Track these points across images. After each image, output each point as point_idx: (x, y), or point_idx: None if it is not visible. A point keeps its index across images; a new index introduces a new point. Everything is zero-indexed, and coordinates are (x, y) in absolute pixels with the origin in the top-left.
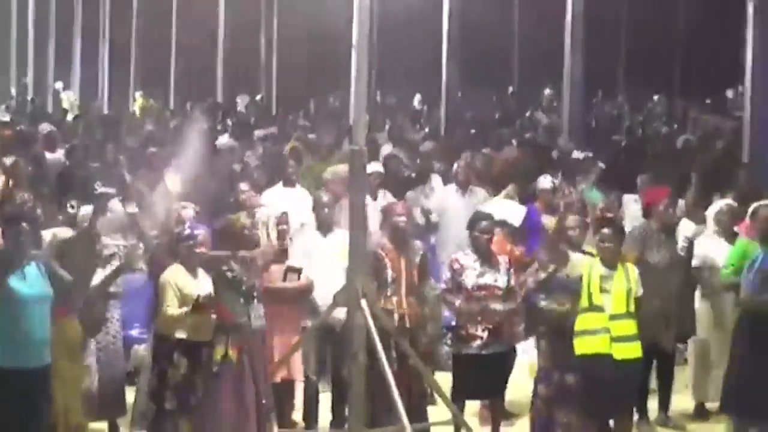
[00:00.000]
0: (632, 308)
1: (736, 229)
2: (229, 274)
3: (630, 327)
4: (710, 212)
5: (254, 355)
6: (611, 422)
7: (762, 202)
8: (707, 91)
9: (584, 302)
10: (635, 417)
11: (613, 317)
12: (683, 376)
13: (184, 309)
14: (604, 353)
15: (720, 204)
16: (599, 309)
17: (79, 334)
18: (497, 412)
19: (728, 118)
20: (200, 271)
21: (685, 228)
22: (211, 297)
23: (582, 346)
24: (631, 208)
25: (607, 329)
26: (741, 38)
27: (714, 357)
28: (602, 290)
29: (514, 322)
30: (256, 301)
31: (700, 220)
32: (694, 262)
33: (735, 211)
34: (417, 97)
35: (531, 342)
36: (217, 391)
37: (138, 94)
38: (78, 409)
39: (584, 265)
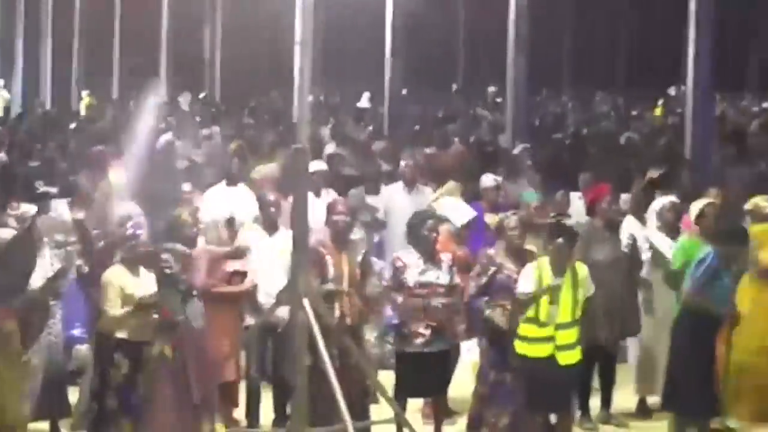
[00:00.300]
0: (578, 315)
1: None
2: (167, 270)
3: (574, 335)
4: (653, 209)
5: (192, 354)
6: (552, 420)
7: (709, 201)
8: (650, 89)
9: (531, 312)
10: (577, 414)
11: (558, 326)
12: (625, 374)
13: (126, 309)
14: (545, 356)
15: (663, 201)
16: (544, 324)
17: (18, 335)
18: (440, 410)
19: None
20: (142, 270)
21: (630, 225)
22: (155, 296)
23: (523, 349)
24: (576, 205)
25: (551, 338)
26: (683, 36)
27: (657, 353)
28: (550, 302)
29: (456, 320)
30: (195, 299)
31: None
32: (645, 257)
33: (678, 207)
34: (366, 95)
35: (475, 340)
36: (155, 390)
37: (85, 93)
38: (15, 409)
39: (534, 275)
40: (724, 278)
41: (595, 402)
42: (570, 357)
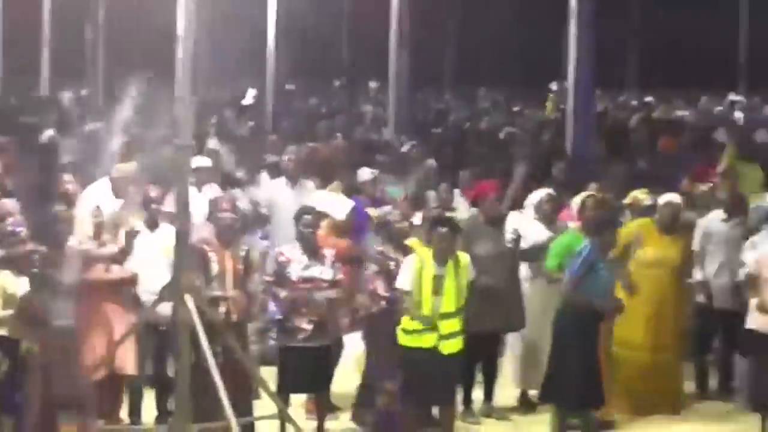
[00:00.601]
0: (462, 304)
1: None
2: (37, 268)
3: (456, 325)
4: (530, 201)
5: (64, 352)
6: (436, 412)
7: (588, 193)
8: (532, 85)
9: (415, 308)
10: (460, 408)
11: (442, 316)
12: (505, 367)
13: (8, 311)
14: (428, 347)
15: (540, 193)
16: (426, 319)
17: None
18: (322, 406)
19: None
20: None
21: (513, 220)
22: (27, 294)
23: (407, 340)
24: (458, 201)
25: (435, 328)
26: (564, 32)
27: (538, 345)
28: (434, 292)
29: (339, 315)
30: (66, 297)
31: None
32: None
33: (555, 199)
34: (251, 92)
35: (358, 335)
36: (31, 389)
37: None
38: None
39: (416, 265)
40: (601, 270)
41: (477, 395)
42: (453, 346)
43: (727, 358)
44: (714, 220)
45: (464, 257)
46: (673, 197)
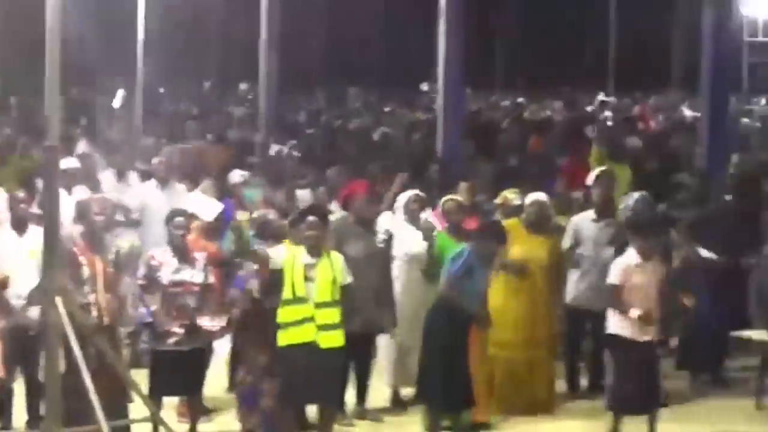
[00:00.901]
0: (337, 296)
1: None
2: None
3: (334, 315)
4: (399, 204)
5: None
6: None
7: (450, 197)
8: (403, 85)
9: (288, 293)
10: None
11: (318, 305)
12: (375, 368)
13: None
14: (308, 342)
15: (408, 194)
16: (303, 300)
17: None
18: (195, 408)
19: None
20: None
21: (385, 221)
22: None
23: (286, 337)
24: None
25: (312, 318)
26: (434, 32)
27: (410, 346)
28: (307, 278)
29: (210, 318)
30: None
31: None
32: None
33: (423, 200)
34: (120, 93)
35: (227, 338)
36: None
37: None
38: None
39: (287, 256)
40: (477, 275)
41: (350, 396)
42: (332, 339)
43: (596, 358)
44: (584, 219)
45: (338, 257)
46: (540, 196)
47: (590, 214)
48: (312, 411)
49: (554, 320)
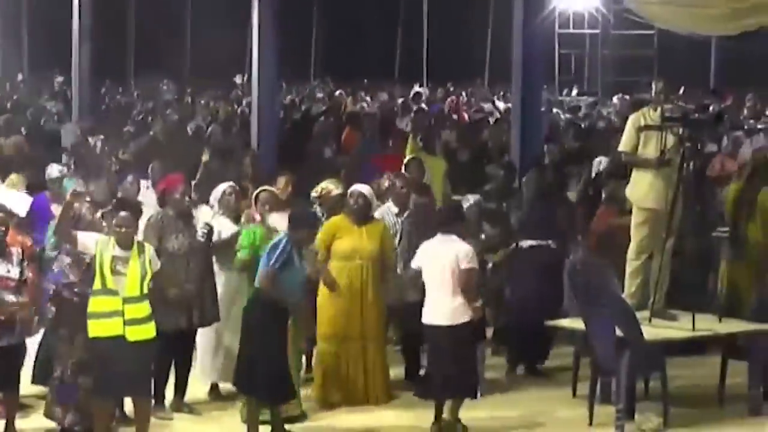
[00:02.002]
0: (146, 291)
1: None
2: None
3: (143, 309)
4: (215, 196)
5: None
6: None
7: (265, 187)
8: (218, 77)
9: (97, 284)
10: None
11: (127, 300)
12: (200, 362)
13: None
14: (116, 335)
15: (222, 186)
16: (113, 292)
17: None
18: (11, 406)
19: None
20: None
21: (205, 214)
22: None
23: (96, 329)
24: (147, 195)
25: (120, 312)
26: (249, 23)
27: (228, 338)
28: (116, 272)
29: (26, 314)
30: None
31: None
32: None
33: (237, 192)
34: None
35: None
36: None
37: None
38: None
39: (96, 244)
40: (296, 264)
41: (169, 392)
42: (141, 332)
43: (414, 348)
44: (387, 212)
45: (149, 247)
46: (361, 188)
47: (391, 206)
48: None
49: (382, 311)
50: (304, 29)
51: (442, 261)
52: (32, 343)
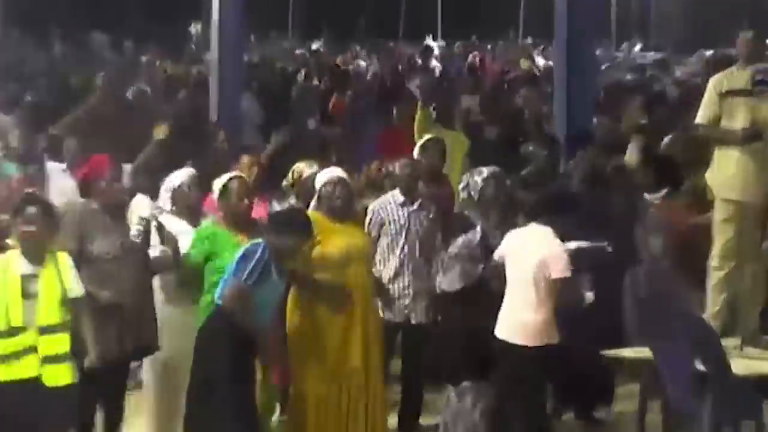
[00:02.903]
0: (67, 316)
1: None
2: None
3: (63, 342)
4: (165, 187)
5: None
6: None
7: (234, 174)
8: (166, 27)
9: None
10: None
11: (43, 330)
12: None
13: None
14: (29, 378)
15: (180, 175)
16: (21, 330)
17: None
18: None
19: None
20: None
21: (140, 206)
22: None
23: (6, 373)
24: (61, 181)
25: (34, 348)
26: None
27: (176, 373)
28: (26, 295)
29: None
30: None
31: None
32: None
33: (198, 183)
34: None
35: None
36: None
37: None
38: None
39: None
40: (273, 278)
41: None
42: (60, 374)
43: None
44: (389, 203)
45: (68, 260)
46: (337, 171)
47: (396, 195)
48: None
49: (379, 334)
50: None
51: (528, 261)
52: None
